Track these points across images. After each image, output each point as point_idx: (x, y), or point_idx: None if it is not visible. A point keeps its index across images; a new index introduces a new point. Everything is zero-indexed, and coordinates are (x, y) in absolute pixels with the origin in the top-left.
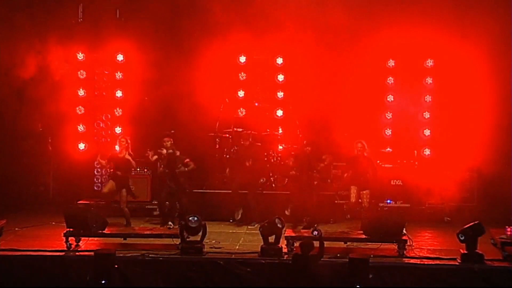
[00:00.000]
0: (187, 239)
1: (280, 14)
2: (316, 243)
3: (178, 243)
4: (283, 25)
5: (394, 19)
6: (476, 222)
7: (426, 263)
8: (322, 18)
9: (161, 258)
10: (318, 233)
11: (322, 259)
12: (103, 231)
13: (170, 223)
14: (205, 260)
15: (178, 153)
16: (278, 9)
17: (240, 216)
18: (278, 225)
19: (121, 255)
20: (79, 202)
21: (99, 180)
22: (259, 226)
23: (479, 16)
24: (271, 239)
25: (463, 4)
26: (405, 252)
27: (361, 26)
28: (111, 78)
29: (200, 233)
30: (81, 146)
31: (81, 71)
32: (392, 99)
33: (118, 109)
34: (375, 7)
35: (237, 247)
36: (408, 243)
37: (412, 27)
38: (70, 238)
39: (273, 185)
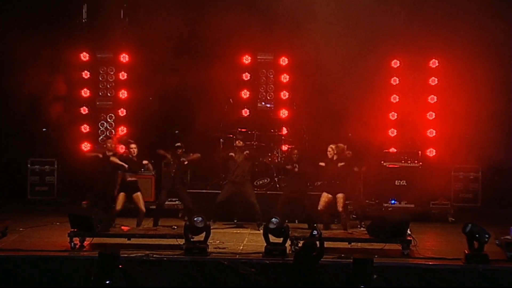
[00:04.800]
0: (192, 239)
1: (284, 15)
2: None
3: (182, 243)
4: (287, 26)
5: (398, 19)
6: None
7: (430, 263)
8: (327, 18)
9: (165, 259)
10: (317, 233)
11: (325, 259)
12: (108, 232)
13: (174, 226)
14: (210, 261)
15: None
16: (283, 10)
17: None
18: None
19: (125, 255)
20: (83, 202)
21: None
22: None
23: (481, 16)
24: (279, 239)
25: (467, 4)
26: (409, 252)
27: (365, 26)
28: (115, 78)
29: (204, 233)
30: (85, 146)
31: (85, 71)
32: (397, 100)
33: (122, 109)
34: (380, 7)
35: (241, 247)
36: (413, 244)
37: (417, 27)
38: (74, 238)
39: (277, 185)
